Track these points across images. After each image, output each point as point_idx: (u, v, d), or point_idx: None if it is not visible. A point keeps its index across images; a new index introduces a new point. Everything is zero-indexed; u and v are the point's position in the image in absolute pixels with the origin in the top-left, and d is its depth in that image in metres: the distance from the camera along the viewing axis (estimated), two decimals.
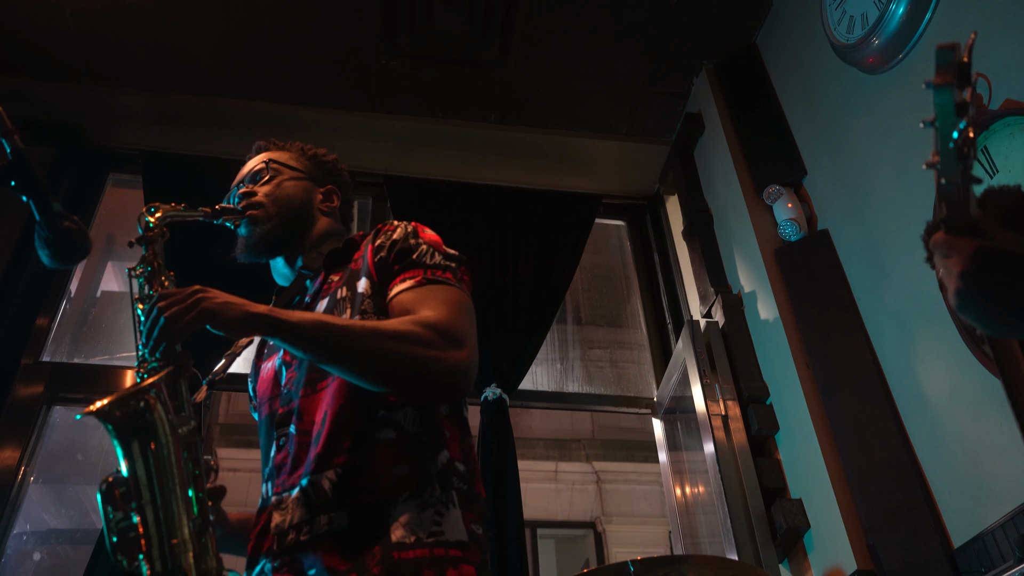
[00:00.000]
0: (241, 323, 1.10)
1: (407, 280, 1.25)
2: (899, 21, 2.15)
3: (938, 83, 0.73)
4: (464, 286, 1.29)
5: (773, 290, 2.56)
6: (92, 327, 3.23)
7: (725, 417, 2.53)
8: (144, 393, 0.97)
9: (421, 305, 1.20)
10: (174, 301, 1.09)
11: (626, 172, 3.64)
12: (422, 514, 1.08)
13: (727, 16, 3.09)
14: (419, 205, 3.26)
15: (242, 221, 1.41)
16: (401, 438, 1.15)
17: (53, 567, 3.81)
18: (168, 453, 0.97)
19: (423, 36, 3.10)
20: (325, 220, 1.51)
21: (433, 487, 1.12)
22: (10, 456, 2.52)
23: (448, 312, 1.20)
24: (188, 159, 3.21)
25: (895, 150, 2.20)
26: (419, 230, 1.36)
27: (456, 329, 1.18)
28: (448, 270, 1.28)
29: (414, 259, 1.28)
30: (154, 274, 1.23)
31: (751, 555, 2.25)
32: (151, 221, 1.27)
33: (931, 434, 1.95)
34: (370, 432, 1.15)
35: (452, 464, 1.17)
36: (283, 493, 1.15)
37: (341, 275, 1.36)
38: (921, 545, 1.86)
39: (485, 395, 2.77)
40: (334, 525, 1.07)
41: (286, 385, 1.27)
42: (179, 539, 0.94)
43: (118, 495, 0.94)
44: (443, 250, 1.33)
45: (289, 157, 1.55)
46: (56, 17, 2.95)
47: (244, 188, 1.47)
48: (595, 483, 7.41)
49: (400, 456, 1.14)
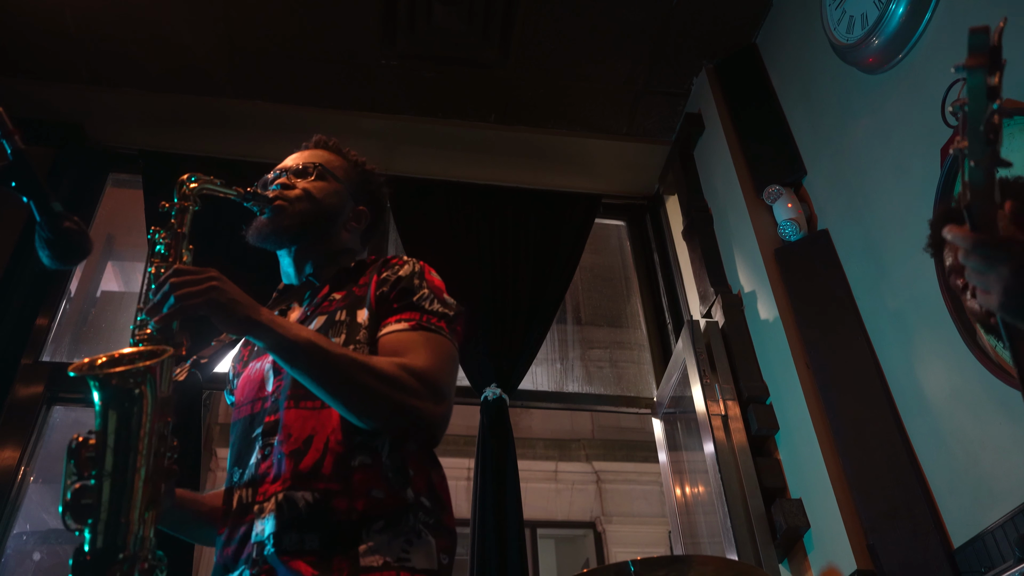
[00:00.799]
0: (241, 325, 1.12)
1: (402, 321, 1.27)
2: (899, 21, 2.15)
3: (971, 65, 0.71)
4: (456, 337, 1.31)
5: (773, 290, 2.56)
6: (92, 327, 3.23)
7: (725, 417, 2.53)
8: (143, 377, 0.98)
9: (410, 350, 1.22)
10: (189, 280, 1.11)
11: (626, 172, 3.64)
12: (392, 542, 1.12)
13: (727, 16, 3.09)
14: (419, 205, 3.26)
15: (267, 208, 1.42)
16: (377, 463, 1.18)
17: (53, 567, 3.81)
18: (143, 435, 0.98)
19: (423, 36, 3.10)
20: (345, 236, 1.51)
21: (406, 517, 1.15)
22: (10, 456, 2.52)
23: (435, 363, 1.22)
24: (188, 159, 3.20)
25: (895, 150, 2.20)
26: (426, 271, 1.37)
27: (439, 382, 1.21)
28: (444, 319, 1.30)
29: (413, 301, 1.30)
30: (176, 241, 1.24)
31: (751, 555, 2.25)
32: (188, 189, 1.29)
33: (931, 434, 1.95)
34: (348, 457, 1.17)
35: (418, 499, 1.19)
36: (263, 502, 1.17)
37: (344, 295, 1.37)
38: (921, 545, 1.86)
39: (485, 395, 2.77)
40: (306, 545, 1.10)
41: (274, 393, 1.28)
42: (127, 520, 0.95)
43: (84, 456, 0.95)
44: (443, 297, 1.34)
45: (340, 166, 1.54)
46: (56, 17, 2.95)
47: (285, 179, 1.47)
48: (595, 483, 7.41)
49: (377, 480, 1.16)
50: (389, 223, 3.34)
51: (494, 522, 2.45)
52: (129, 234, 3.42)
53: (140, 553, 0.95)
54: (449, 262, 3.10)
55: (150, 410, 0.98)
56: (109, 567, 0.92)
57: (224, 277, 1.14)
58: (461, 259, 3.12)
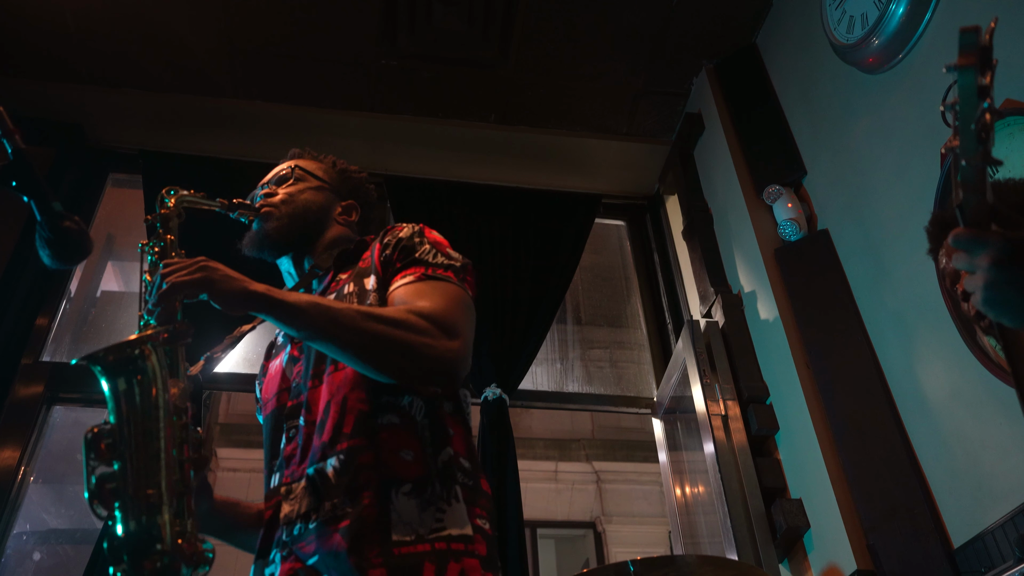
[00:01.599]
0: (239, 297, 1.12)
1: (407, 276, 1.27)
2: (899, 21, 2.15)
3: (961, 65, 0.71)
4: (467, 286, 1.30)
5: (773, 290, 2.56)
6: (92, 327, 3.23)
7: (725, 417, 2.53)
8: (140, 344, 0.98)
9: (418, 297, 1.22)
10: (179, 266, 1.13)
11: (626, 172, 3.64)
12: (423, 513, 1.09)
13: (727, 16, 3.09)
14: (419, 205, 3.26)
15: (255, 217, 1.44)
16: (406, 423, 1.17)
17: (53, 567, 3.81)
18: (157, 405, 0.97)
19: (423, 36, 3.10)
20: (339, 229, 1.53)
21: (434, 484, 1.12)
22: (10, 456, 2.52)
23: (443, 304, 1.22)
24: (188, 159, 3.21)
25: (895, 150, 2.20)
26: (425, 231, 1.38)
27: (450, 319, 1.19)
28: (450, 269, 1.30)
29: (416, 257, 1.30)
30: (165, 250, 1.26)
31: (751, 555, 2.25)
32: (169, 202, 1.31)
33: (931, 434, 1.95)
34: (373, 416, 1.16)
35: (457, 460, 1.18)
36: (292, 484, 1.17)
37: (349, 273, 1.39)
38: (921, 545, 1.86)
39: (485, 395, 2.77)
40: (337, 511, 1.09)
41: (294, 379, 1.30)
42: (156, 491, 0.93)
43: (103, 447, 0.94)
44: (447, 251, 1.34)
45: (317, 168, 1.58)
46: (56, 17, 2.95)
47: (267, 189, 1.51)
48: (595, 483, 7.41)
49: (405, 440, 1.15)
50: (389, 223, 3.34)
51: (494, 522, 2.45)
52: (129, 234, 3.42)
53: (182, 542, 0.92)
54: None
55: (159, 382, 0.98)
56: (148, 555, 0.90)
57: (215, 262, 1.16)
58: None
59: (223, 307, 1.13)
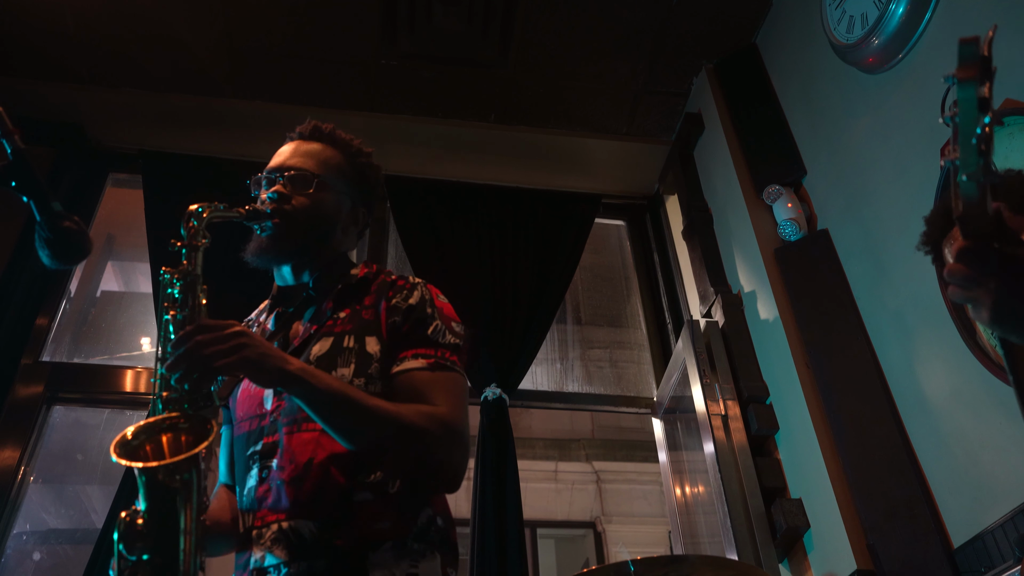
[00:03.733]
0: (274, 378, 1.12)
1: (419, 358, 1.26)
2: (899, 21, 2.15)
3: (961, 77, 0.70)
4: (463, 369, 1.32)
5: (773, 290, 2.56)
6: (92, 327, 3.23)
7: (725, 417, 2.53)
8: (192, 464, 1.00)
9: (431, 394, 1.23)
10: (215, 339, 1.08)
11: (626, 172, 3.64)
12: (400, 561, 1.13)
13: (727, 16, 3.08)
14: (419, 205, 3.26)
15: (268, 225, 1.34)
16: (380, 499, 1.18)
17: (53, 567, 3.80)
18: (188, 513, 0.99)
19: (423, 36, 3.10)
20: (342, 237, 1.46)
21: (413, 543, 1.16)
22: (10, 456, 2.52)
23: (457, 408, 1.24)
24: (188, 159, 3.21)
25: (895, 150, 2.20)
26: (434, 298, 1.35)
27: (460, 426, 1.23)
28: (456, 352, 1.31)
29: (428, 335, 1.29)
30: (191, 285, 1.18)
31: (751, 555, 2.25)
32: (197, 223, 1.22)
33: (931, 434, 1.95)
34: (350, 492, 1.17)
35: (434, 519, 1.21)
36: (262, 528, 1.17)
37: (349, 315, 1.33)
38: (921, 545, 1.86)
39: (485, 395, 2.77)
40: (315, 569, 1.11)
41: (273, 412, 1.26)
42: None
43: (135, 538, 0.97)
44: (453, 326, 1.34)
45: (338, 165, 1.46)
46: (56, 17, 2.95)
47: (281, 186, 1.38)
48: (595, 483, 7.40)
49: (381, 513, 1.17)
50: (389, 223, 3.34)
51: (494, 522, 2.45)
52: (129, 234, 3.42)
53: None
54: (449, 262, 3.10)
55: (195, 492, 1.00)
56: None
57: (248, 330, 1.12)
58: (461, 259, 3.12)
59: (254, 381, 1.14)
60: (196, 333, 1.07)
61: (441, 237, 3.19)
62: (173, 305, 1.16)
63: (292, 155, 1.45)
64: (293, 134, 1.52)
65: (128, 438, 1.01)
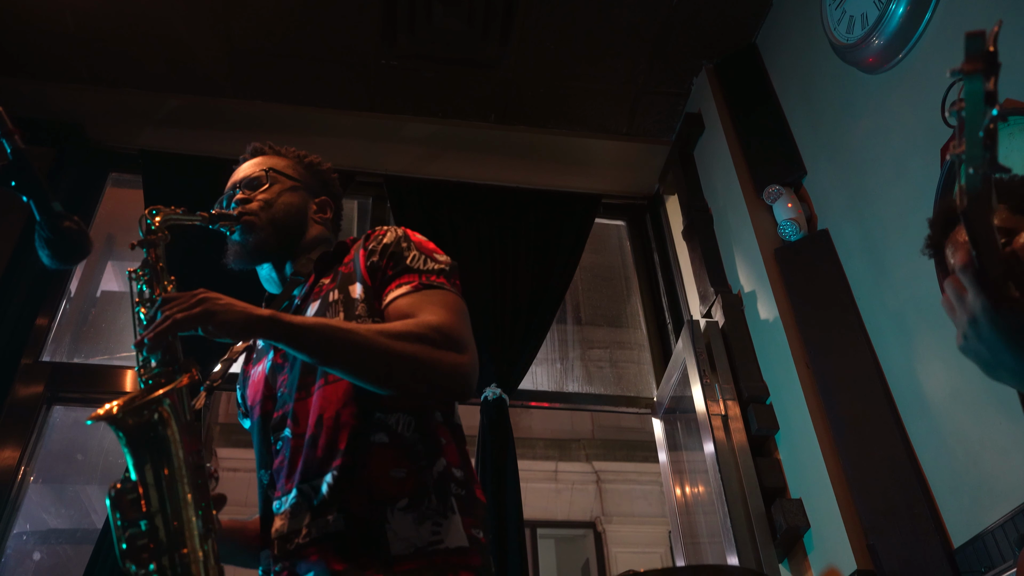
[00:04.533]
0: (244, 326, 1.10)
1: (403, 285, 1.26)
2: (899, 21, 2.15)
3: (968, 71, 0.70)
4: (457, 290, 1.30)
5: (773, 290, 2.56)
6: (92, 327, 3.23)
7: (725, 417, 2.53)
8: (158, 404, 0.98)
9: (420, 309, 1.21)
10: (179, 301, 1.09)
11: (626, 172, 3.64)
12: (420, 527, 1.09)
13: (727, 16, 3.09)
14: (419, 205, 3.26)
15: (237, 228, 1.39)
16: (395, 442, 1.16)
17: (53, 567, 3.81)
18: (178, 464, 0.98)
19: (423, 36, 3.10)
20: (317, 228, 1.49)
21: (430, 497, 1.13)
22: (10, 456, 2.52)
23: (449, 316, 1.21)
24: (188, 159, 3.20)
25: (895, 150, 2.20)
26: (409, 235, 1.36)
27: (458, 333, 1.20)
28: (442, 274, 1.29)
29: (408, 264, 1.29)
30: (156, 277, 1.22)
31: (751, 555, 2.25)
32: (152, 224, 1.26)
33: (931, 434, 1.95)
34: (364, 434, 1.15)
35: (450, 470, 1.18)
36: (282, 498, 1.16)
37: (331, 278, 1.36)
38: (921, 545, 1.86)
39: (485, 395, 2.77)
40: (332, 527, 1.08)
41: (279, 388, 1.27)
42: (189, 548, 0.95)
43: (128, 501, 0.95)
44: (434, 255, 1.33)
45: (287, 165, 1.52)
46: (56, 17, 2.95)
47: (241, 194, 1.44)
48: (595, 483, 7.41)
49: (396, 459, 1.14)
50: (389, 223, 3.34)
51: (494, 522, 2.45)
52: (129, 234, 3.38)
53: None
54: None
55: (178, 439, 0.98)
56: None
57: (211, 291, 1.12)
58: (461, 259, 3.10)
59: (227, 336, 1.10)
60: (162, 305, 1.10)
61: (441, 237, 3.18)
62: (143, 299, 1.21)
63: (241, 172, 1.52)
64: (238, 162, 1.57)
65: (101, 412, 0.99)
